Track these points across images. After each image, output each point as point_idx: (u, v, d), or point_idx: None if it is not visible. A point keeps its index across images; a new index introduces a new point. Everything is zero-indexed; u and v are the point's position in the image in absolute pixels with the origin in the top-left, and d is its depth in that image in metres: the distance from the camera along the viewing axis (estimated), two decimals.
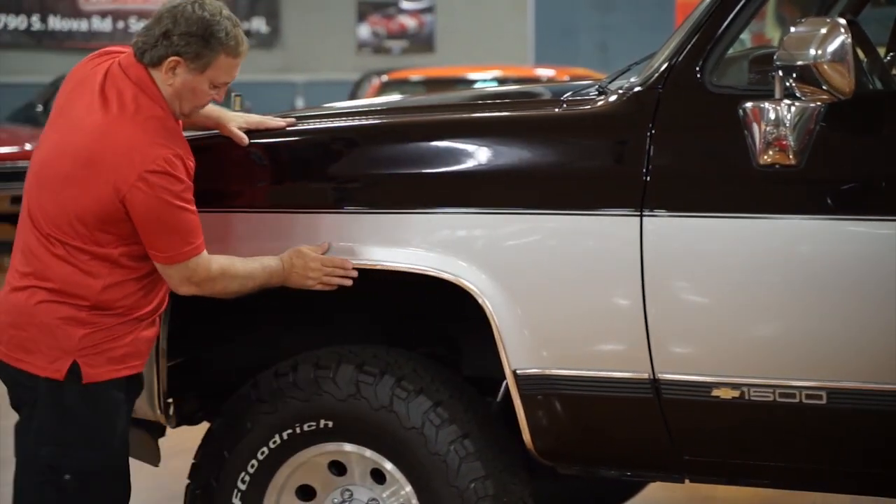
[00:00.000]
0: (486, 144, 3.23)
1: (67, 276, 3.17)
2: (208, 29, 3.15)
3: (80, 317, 3.18)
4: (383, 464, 3.31)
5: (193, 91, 3.20)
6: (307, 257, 3.27)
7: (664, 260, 3.03)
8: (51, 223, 3.18)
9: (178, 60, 3.16)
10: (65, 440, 3.21)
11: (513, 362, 3.15)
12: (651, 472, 3.35)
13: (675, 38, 3.16)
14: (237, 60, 3.23)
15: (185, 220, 3.15)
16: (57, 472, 3.20)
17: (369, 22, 22.07)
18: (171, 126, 3.21)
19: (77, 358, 3.18)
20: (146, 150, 3.11)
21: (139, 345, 3.26)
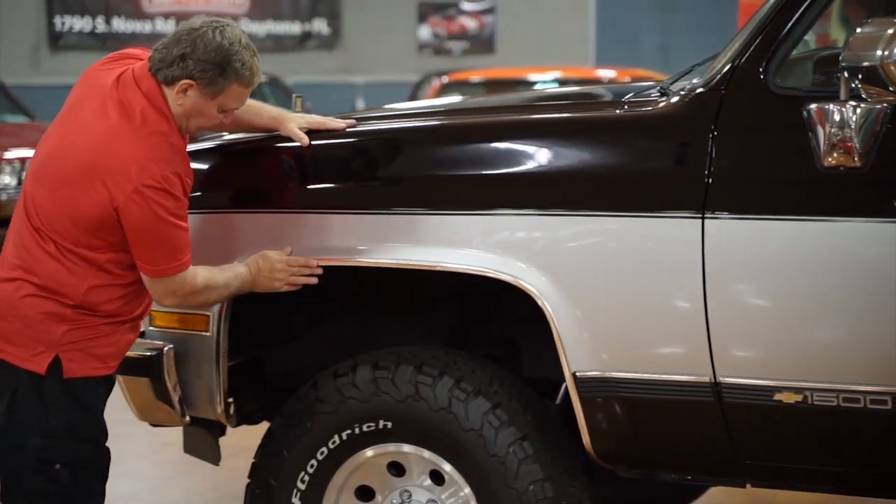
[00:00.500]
0: (546, 146, 3.22)
1: (54, 274, 3.23)
2: (226, 58, 3.19)
3: (63, 313, 3.24)
4: (442, 465, 3.31)
5: (202, 113, 3.26)
6: (272, 260, 3.34)
7: (726, 262, 3.00)
8: (44, 220, 3.23)
9: (192, 84, 3.21)
10: (51, 432, 3.26)
11: (572, 364, 3.14)
12: (712, 476, 3.33)
13: (739, 38, 3.13)
14: (249, 89, 3.28)
15: (175, 237, 3.21)
16: (47, 463, 3.26)
17: (430, 23, 22.11)
18: (175, 143, 3.25)
19: (59, 352, 3.24)
20: (145, 164, 3.15)
21: (121, 346, 3.34)
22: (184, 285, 3.25)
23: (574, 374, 3.13)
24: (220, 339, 3.44)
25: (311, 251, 3.35)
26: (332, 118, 3.49)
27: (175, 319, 3.52)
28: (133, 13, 20.67)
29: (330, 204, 3.37)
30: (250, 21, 21.42)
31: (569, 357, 3.13)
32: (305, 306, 3.78)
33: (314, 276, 3.36)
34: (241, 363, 3.57)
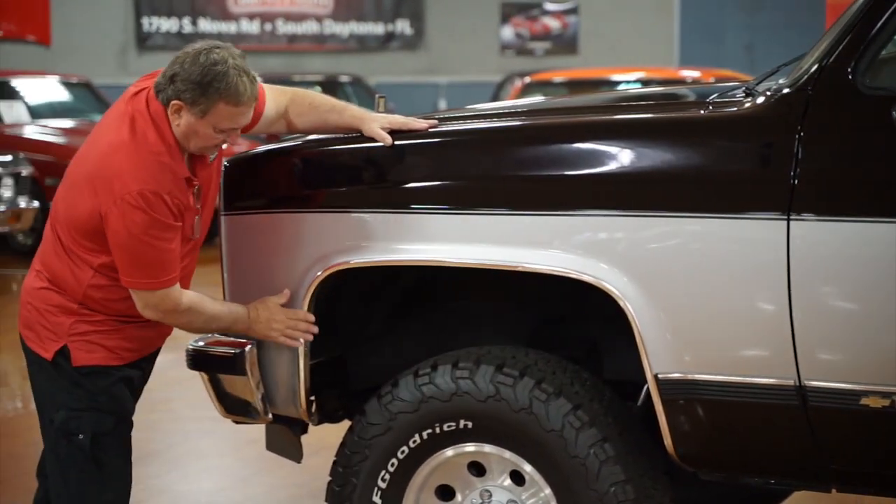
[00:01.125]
0: (628, 147, 3.21)
1: (60, 271, 3.46)
2: (206, 77, 3.27)
3: (70, 307, 3.46)
4: (522, 465, 3.30)
5: (197, 133, 3.35)
6: (272, 310, 3.44)
7: (812, 264, 2.97)
8: (58, 220, 3.46)
9: (180, 105, 3.31)
10: (74, 406, 3.48)
11: (654, 366, 3.12)
12: (796, 480, 3.29)
13: (826, 38, 3.09)
14: (239, 109, 3.33)
15: (150, 255, 3.32)
16: (71, 434, 3.48)
17: (513, 23, 22.10)
18: (165, 162, 3.33)
19: (67, 342, 3.45)
20: (127, 180, 3.28)
21: (133, 341, 3.52)
22: (165, 302, 3.39)
23: (656, 376, 3.12)
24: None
25: (393, 251, 3.36)
26: (414, 118, 3.50)
27: None
28: (219, 14, 20.89)
29: (412, 204, 3.38)
30: (334, 22, 21.56)
31: (651, 359, 3.12)
32: (388, 306, 3.80)
33: (310, 333, 3.46)
34: (323, 362, 3.60)
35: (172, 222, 3.33)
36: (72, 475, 3.50)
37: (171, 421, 6.38)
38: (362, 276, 3.52)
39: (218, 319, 3.47)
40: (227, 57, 3.30)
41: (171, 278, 3.37)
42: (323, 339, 3.55)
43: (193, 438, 6.10)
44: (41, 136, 12.40)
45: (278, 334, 3.45)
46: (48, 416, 3.52)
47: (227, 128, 3.35)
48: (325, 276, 3.42)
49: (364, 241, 3.39)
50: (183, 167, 3.38)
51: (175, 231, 3.36)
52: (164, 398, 6.65)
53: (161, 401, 6.61)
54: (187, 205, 3.39)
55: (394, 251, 3.37)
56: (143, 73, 3.66)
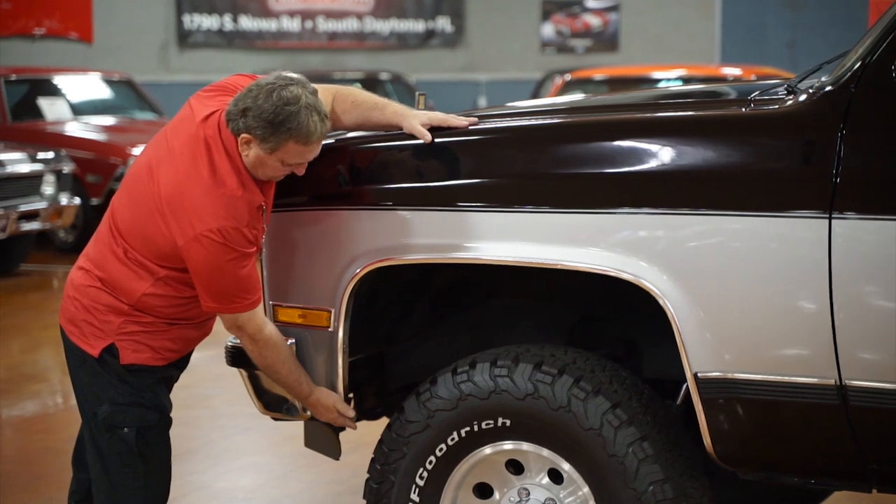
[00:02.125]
0: (669, 144, 3.19)
1: (116, 274, 3.48)
2: (279, 116, 3.30)
3: (120, 308, 3.50)
4: (561, 464, 3.29)
5: (265, 165, 3.39)
6: (335, 408, 3.53)
7: (854, 263, 2.94)
8: (121, 227, 3.49)
9: (250, 138, 3.34)
10: (119, 401, 3.52)
11: (694, 365, 3.10)
12: (836, 480, 3.27)
13: (870, 35, 3.07)
14: (309, 147, 3.37)
15: (233, 284, 3.38)
16: (116, 427, 3.53)
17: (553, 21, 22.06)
18: (239, 195, 3.36)
19: (115, 341, 3.49)
20: (206, 217, 3.33)
21: (178, 342, 3.57)
22: (249, 325, 3.45)
23: (696, 375, 3.10)
24: (341, 335, 3.47)
25: (433, 248, 3.36)
26: (454, 116, 3.50)
27: (298, 315, 3.56)
28: (260, 11, 20.96)
29: (451, 202, 3.37)
30: (375, 19, 21.60)
31: (690, 357, 3.10)
32: (427, 303, 3.80)
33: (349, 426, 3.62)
34: (361, 359, 3.60)
35: (251, 250, 3.40)
36: (114, 468, 3.53)
37: (210, 417, 6.41)
38: (401, 274, 3.52)
39: (285, 372, 3.51)
40: (301, 95, 3.32)
41: (253, 301, 3.43)
42: (362, 337, 3.55)
43: (232, 435, 6.12)
44: (83, 134, 12.48)
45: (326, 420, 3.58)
46: (91, 409, 3.55)
47: (296, 163, 3.40)
48: (364, 274, 3.43)
49: (402, 239, 3.39)
50: (257, 194, 3.42)
51: (253, 257, 3.42)
52: (203, 395, 6.68)
53: (201, 397, 6.64)
54: (260, 226, 3.44)
55: (433, 249, 3.37)
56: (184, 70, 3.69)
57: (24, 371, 7.50)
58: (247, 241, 3.37)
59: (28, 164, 10.66)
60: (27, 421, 6.56)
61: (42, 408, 6.81)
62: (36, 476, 5.49)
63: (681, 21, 21.10)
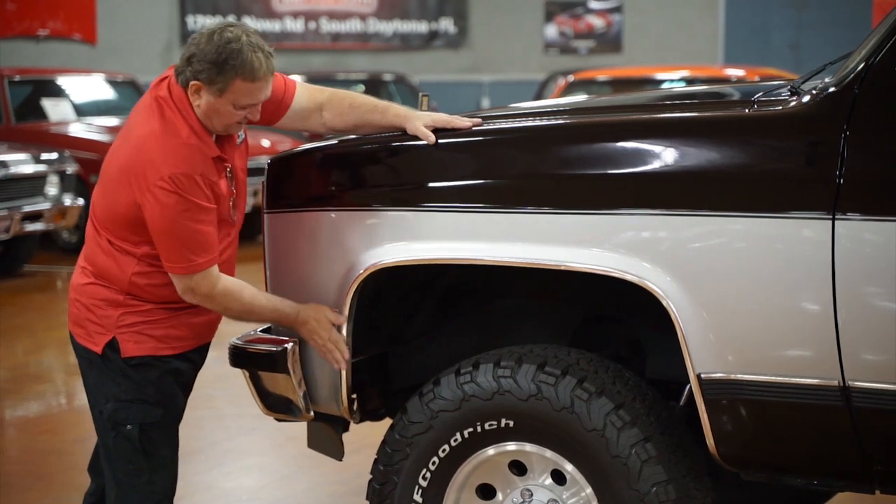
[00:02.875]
0: (672, 145, 3.19)
1: (104, 265, 3.53)
2: (222, 55, 3.35)
3: (117, 299, 3.53)
4: (564, 465, 3.29)
5: (217, 112, 3.42)
6: (322, 323, 3.47)
7: (857, 264, 2.94)
8: (98, 217, 3.54)
9: (199, 85, 3.39)
10: (122, 397, 3.55)
11: (697, 366, 3.10)
12: (839, 481, 3.27)
13: (873, 37, 3.07)
14: (256, 84, 3.40)
15: (187, 238, 3.38)
16: (119, 424, 3.55)
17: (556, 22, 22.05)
18: (192, 144, 3.40)
19: (116, 334, 3.52)
20: (159, 166, 3.36)
21: (182, 329, 3.57)
22: (201, 285, 3.44)
23: (699, 376, 3.10)
24: (345, 335, 3.47)
25: (436, 249, 3.36)
26: (458, 117, 3.50)
27: None
28: (263, 12, 20.98)
29: (455, 202, 3.38)
30: (378, 20, 21.60)
31: (693, 358, 3.10)
32: (431, 304, 3.80)
33: (342, 362, 3.49)
34: (365, 360, 3.60)
35: (206, 204, 3.40)
36: (119, 465, 3.56)
37: (213, 418, 6.41)
38: (405, 275, 3.52)
39: (258, 311, 3.51)
40: (241, 34, 3.38)
41: (208, 260, 3.42)
42: (365, 337, 3.56)
43: (236, 436, 6.13)
44: (86, 134, 12.49)
45: (315, 343, 3.50)
46: (97, 408, 3.58)
47: (247, 104, 3.42)
48: (368, 275, 3.43)
49: (406, 240, 3.39)
50: (212, 147, 3.45)
51: (210, 213, 3.42)
52: (206, 395, 6.68)
53: (204, 398, 6.64)
54: (220, 187, 3.45)
55: (435, 250, 3.37)
56: None
57: (28, 372, 7.50)
58: (201, 192, 3.38)
59: (32, 164, 10.67)
60: (31, 421, 6.57)
61: (46, 408, 6.81)
62: (39, 476, 5.50)
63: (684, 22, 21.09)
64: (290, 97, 3.61)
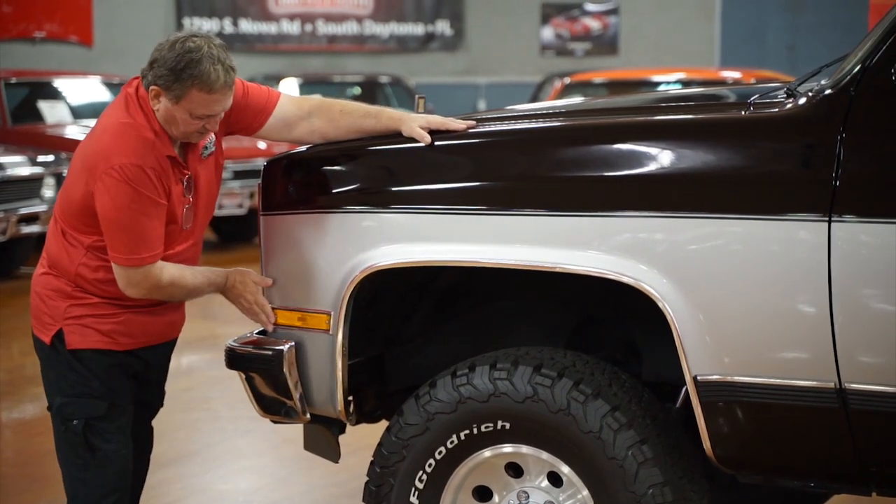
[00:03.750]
0: (668, 147, 3.19)
1: (56, 252, 3.58)
2: (180, 63, 3.39)
3: (66, 290, 3.57)
4: (560, 467, 3.29)
5: (174, 118, 3.45)
6: (247, 285, 3.60)
7: (853, 266, 2.95)
8: (58, 206, 3.59)
9: (157, 90, 3.43)
10: (68, 391, 3.59)
11: (693, 368, 3.10)
12: (835, 483, 3.27)
13: (870, 39, 3.07)
14: (213, 96, 3.42)
15: (133, 229, 3.42)
16: (67, 419, 3.59)
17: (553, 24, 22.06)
18: (147, 137, 3.44)
19: (63, 326, 3.55)
20: (111, 155, 3.41)
21: (131, 326, 3.58)
22: (147, 278, 3.47)
23: (695, 378, 3.10)
24: (341, 337, 3.47)
25: (431, 251, 3.36)
26: (453, 119, 3.50)
27: (297, 318, 3.56)
28: (259, 14, 20.97)
29: (451, 204, 3.38)
30: (374, 22, 21.60)
31: (690, 360, 3.10)
32: (427, 306, 3.80)
33: (269, 325, 3.59)
34: (361, 362, 3.60)
35: (156, 198, 3.43)
36: (69, 460, 3.61)
37: (209, 420, 6.41)
38: (400, 277, 3.52)
39: (198, 290, 3.59)
40: (203, 45, 3.40)
41: (152, 255, 3.45)
42: (362, 339, 3.55)
43: (232, 438, 6.12)
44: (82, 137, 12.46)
45: (242, 306, 3.61)
46: (50, 401, 3.64)
47: (203, 114, 3.44)
48: (364, 277, 3.43)
49: (401, 242, 3.39)
50: (168, 146, 3.48)
51: (158, 208, 3.44)
52: (202, 397, 6.68)
53: (200, 400, 6.64)
54: (174, 189, 3.48)
55: (431, 252, 3.37)
56: None
57: (24, 373, 7.50)
58: (151, 185, 3.41)
59: (28, 166, 10.67)
60: (27, 423, 6.56)
61: (42, 410, 6.77)
62: (35, 479, 5.49)
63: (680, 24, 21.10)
64: (272, 105, 3.63)
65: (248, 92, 3.63)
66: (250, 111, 3.61)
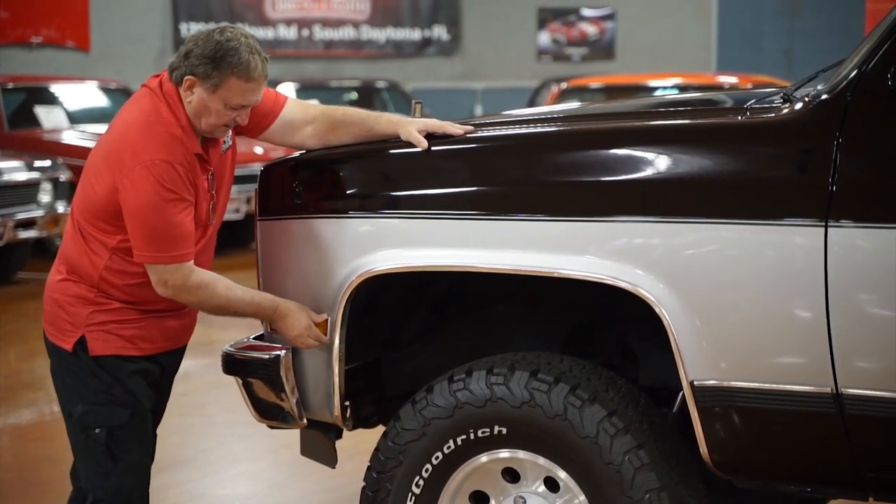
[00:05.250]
0: (665, 153, 3.19)
1: (77, 257, 3.53)
2: (220, 52, 3.40)
3: (87, 296, 3.53)
4: (557, 472, 3.29)
5: (208, 109, 3.43)
6: (301, 322, 3.46)
7: (850, 271, 2.95)
8: (77, 208, 3.54)
9: (193, 80, 3.42)
10: (90, 399, 3.55)
11: (690, 373, 3.10)
12: (832, 488, 3.27)
13: (866, 43, 3.07)
14: (250, 85, 3.44)
15: (162, 227, 3.38)
16: (88, 427, 3.55)
17: (549, 29, 22.08)
18: (176, 134, 3.43)
19: (85, 332, 3.51)
20: (139, 151, 3.38)
21: (151, 330, 3.56)
22: (175, 276, 3.42)
23: (692, 383, 3.10)
24: (338, 342, 3.47)
25: (428, 256, 3.36)
26: (450, 123, 3.50)
27: None
28: (256, 19, 20.98)
29: (447, 209, 3.37)
30: (371, 27, 21.61)
31: (686, 365, 3.10)
32: (424, 311, 3.80)
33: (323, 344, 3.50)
34: (358, 367, 3.60)
35: (185, 195, 3.41)
36: (90, 468, 3.57)
37: (206, 426, 6.40)
38: (397, 282, 3.52)
39: (234, 304, 3.49)
40: (240, 35, 3.44)
41: (183, 254, 3.41)
42: (358, 344, 3.55)
43: (228, 443, 6.12)
44: (79, 142, 12.46)
45: (293, 341, 3.49)
46: (68, 409, 3.60)
47: (238, 104, 3.44)
48: (360, 282, 3.42)
49: (398, 247, 3.39)
50: (195, 143, 3.47)
51: (187, 205, 3.42)
52: (199, 403, 6.68)
53: (196, 405, 6.64)
54: (200, 185, 3.46)
55: (428, 257, 3.37)
56: None
57: (21, 379, 7.49)
58: (180, 181, 3.39)
59: (25, 172, 10.67)
60: (24, 429, 6.56)
61: (39, 416, 6.81)
62: (33, 484, 5.49)
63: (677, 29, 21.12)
64: (279, 107, 3.63)
65: None
66: (258, 112, 3.60)
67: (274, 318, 3.50)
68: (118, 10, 19.88)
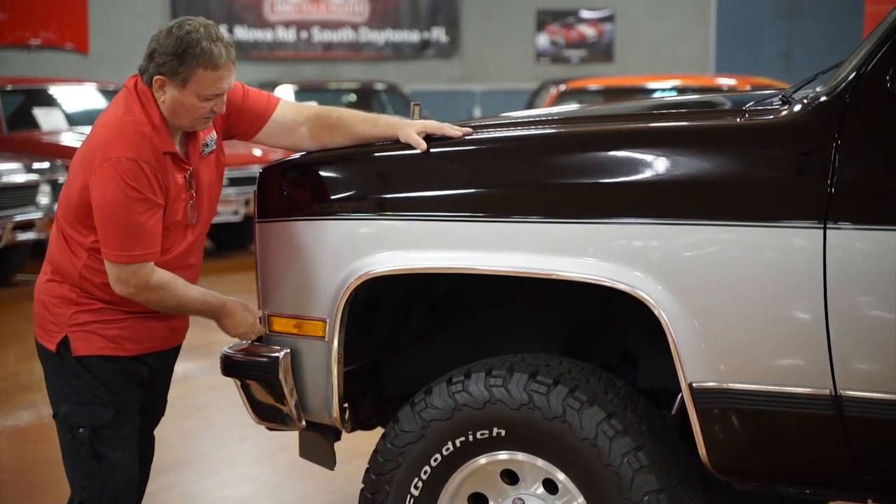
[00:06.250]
0: (664, 154, 3.19)
1: (59, 258, 3.58)
2: (181, 46, 3.41)
3: (70, 297, 3.56)
4: (556, 474, 3.29)
5: (183, 105, 3.45)
6: (248, 318, 3.61)
7: (848, 273, 2.95)
8: (59, 209, 3.59)
9: (163, 79, 3.44)
10: (73, 400, 3.58)
11: (689, 375, 3.10)
12: (831, 490, 3.27)
13: (865, 46, 3.07)
14: (218, 73, 3.44)
15: (125, 225, 3.41)
16: (73, 428, 3.59)
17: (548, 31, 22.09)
18: (145, 132, 3.44)
19: (68, 332, 3.54)
20: (108, 148, 3.41)
21: (136, 331, 3.58)
22: (136, 276, 3.45)
23: (690, 385, 3.10)
24: (336, 344, 3.47)
25: (427, 258, 3.36)
26: (449, 125, 3.51)
27: (293, 325, 3.56)
28: (255, 22, 20.99)
29: (446, 211, 3.37)
30: (370, 29, 21.62)
31: (685, 367, 3.10)
32: (423, 313, 3.80)
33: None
34: (357, 369, 3.60)
35: (150, 195, 3.42)
36: (76, 468, 3.61)
37: (204, 428, 6.40)
38: (396, 284, 3.52)
39: (189, 303, 3.56)
40: (199, 26, 3.44)
41: (144, 254, 3.44)
42: (357, 346, 3.55)
43: (227, 445, 6.12)
44: (78, 144, 12.41)
45: (240, 336, 3.62)
46: (55, 409, 3.63)
47: (211, 94, 3.45)
48: (359, 284, 3.43)
49: (397, 249, 3.39)
50: (168, 142, 3.48)
51: (152, 206, 3.43)
52: (197, 405, 6.68)
53: (195, 407, 6.64)
54: (173, 183, 3.47)
55: (427, 259, 3.37)
56: None
57: (19, 381, 7.49)
58: (145, 180, 3.41)
59: (23, 174, 10.67)
60: (23, 431, 6.56)
61: (38, 417, 6.80)
62: (32, 486, 5.49)
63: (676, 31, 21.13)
64: (271, 109, 3.65)
65: (247, 95, 3.64)
66: (249, 114, 3.61)
67: (221, 315, 3.58)
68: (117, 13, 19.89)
